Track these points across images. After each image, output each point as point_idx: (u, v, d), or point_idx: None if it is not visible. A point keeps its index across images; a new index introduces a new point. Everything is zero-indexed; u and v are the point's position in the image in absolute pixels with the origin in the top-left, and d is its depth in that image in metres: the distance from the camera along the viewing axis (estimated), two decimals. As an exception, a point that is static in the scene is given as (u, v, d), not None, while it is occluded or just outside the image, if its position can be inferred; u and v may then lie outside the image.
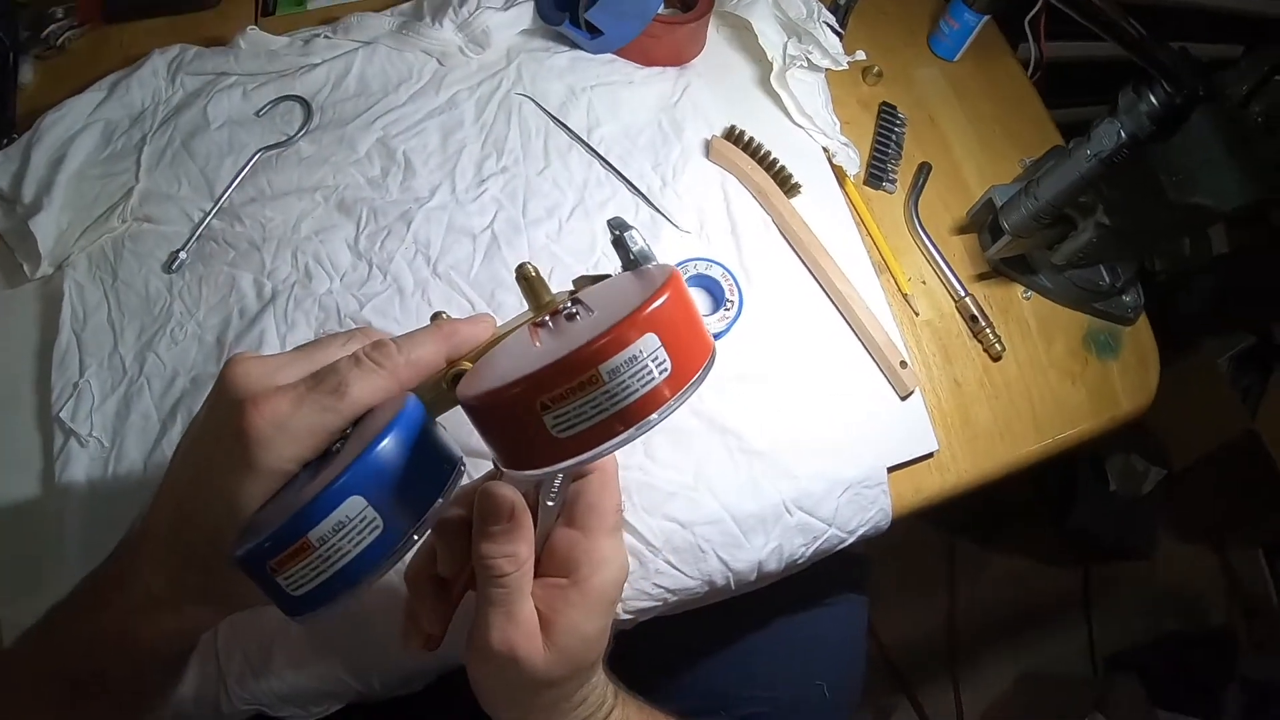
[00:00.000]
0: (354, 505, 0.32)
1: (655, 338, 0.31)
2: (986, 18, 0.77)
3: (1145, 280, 0.73)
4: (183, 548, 0.39)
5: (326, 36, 0.75)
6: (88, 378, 0.62)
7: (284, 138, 0.71)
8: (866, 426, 0.63)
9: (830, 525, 0.60)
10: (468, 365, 0.38)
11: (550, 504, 0.41)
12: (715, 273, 0.62)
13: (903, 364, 0.63)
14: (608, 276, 0.40)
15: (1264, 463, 1.28)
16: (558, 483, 0.41)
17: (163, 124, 0.72)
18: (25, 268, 0.66)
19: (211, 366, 0.61)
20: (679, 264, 0.62)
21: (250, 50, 0.75)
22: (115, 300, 0.65)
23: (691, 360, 0.32)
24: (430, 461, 0.35)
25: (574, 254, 0.65)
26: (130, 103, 0.73)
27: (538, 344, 0.35)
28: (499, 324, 0.40)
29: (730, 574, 0.58)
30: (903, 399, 0.64)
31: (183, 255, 0.66)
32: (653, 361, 0.31)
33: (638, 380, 0.31)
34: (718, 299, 0.63)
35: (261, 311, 0.63)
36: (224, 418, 0.36)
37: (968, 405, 0.66)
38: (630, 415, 0.31)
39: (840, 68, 0.71)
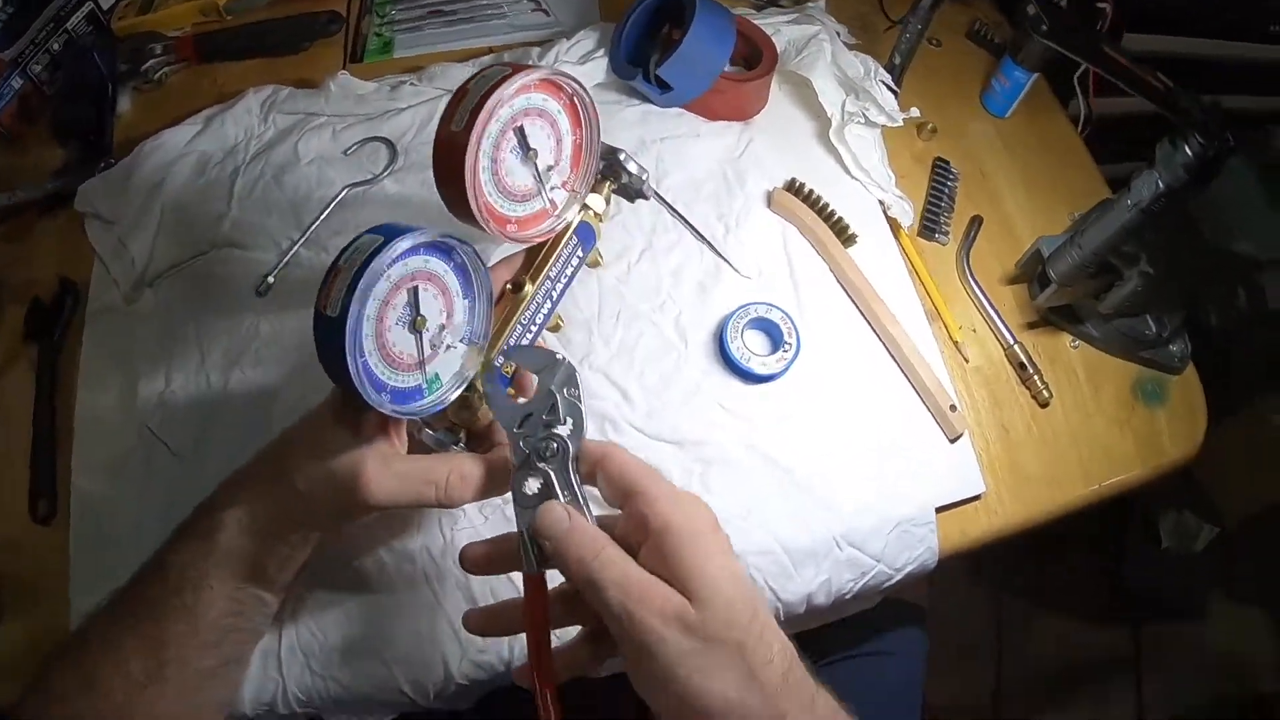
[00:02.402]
0: (366, 238, 0.44)
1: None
2: (1037, 75, 0.79)
3: (1201, 335, 0.73)
4: (274, 475, 0.48)
5: (412, 84, 0.80)
6: (174, 389, 0.65)
7: (370, 176, 0.74)
8: (916, 468, 0.65)
9: (879, 561, 0.62)
10: None
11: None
12: (775, 316, 0.65)
13: (952, 408, 0.65)
14: None
15: (1320, 521, 1.25)
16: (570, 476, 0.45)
17: (255, 157, 0.76)
18: (119, 283, 0.70)
19: (296, 386, 0.64)
20: (740, 307, 0.66)
21: (340, 93, 0.79)
22: (204, 319, 0.68)
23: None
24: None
25: (641, 295, 0.68)
26: (224, 136, 0.77)
27: None
28: None
29: (780, 604, 0.60)
30: (951, 442, 0.66)
31: (270, 280, 0.68)
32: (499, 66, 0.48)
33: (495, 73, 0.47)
34: (776, 341, 0.66)
35: (345, 338, 0.67)
36: None
37: (1015, 450, 0.68)
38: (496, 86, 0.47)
39: (895, 124, 0.75)
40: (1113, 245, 0.64)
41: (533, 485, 0.44)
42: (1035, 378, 0.69)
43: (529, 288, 0.54)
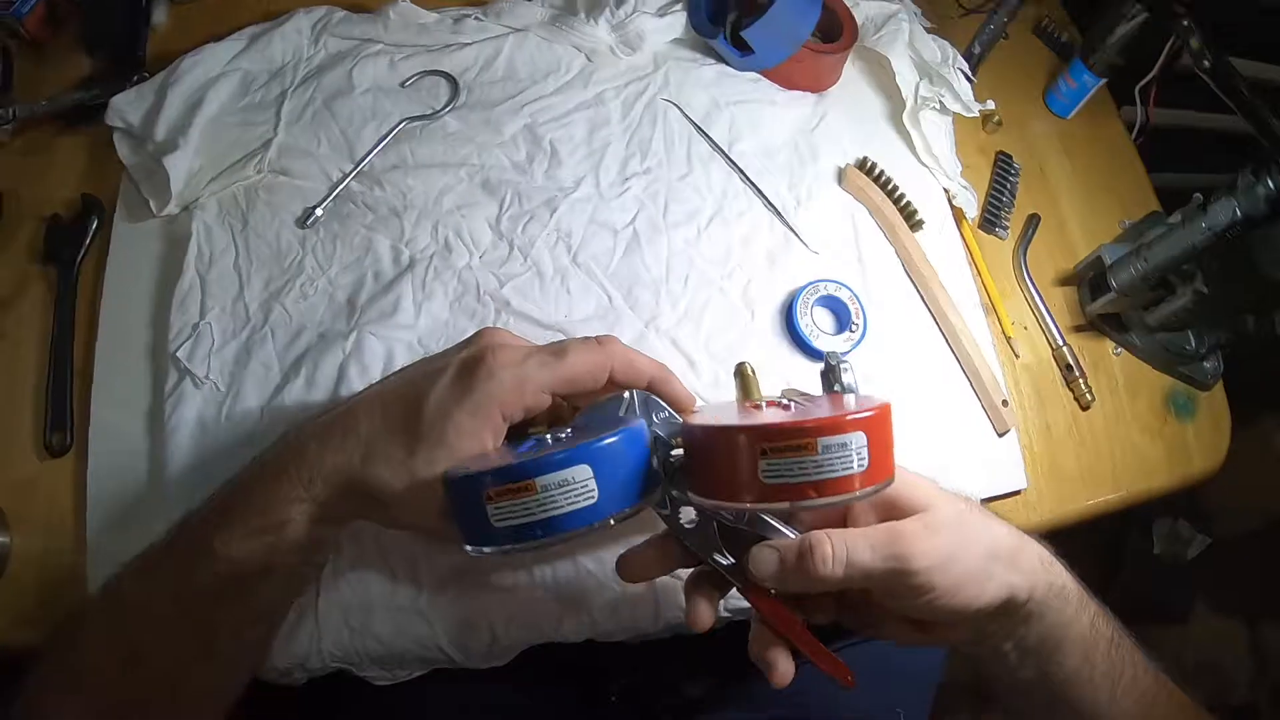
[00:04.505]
0: (582, 472, 0.37)
1: (864, 436, 0.37)
2: (1103, 80, 0.80)
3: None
4: (377, 439, 0.45)
5: (478, 18, 0.75)
6: (209, 320, 0.62)
7: (429, 111, 0.71)
8: (964, 459, 0.65)
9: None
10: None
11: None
12: (844, 295, 0.65)
13: (1004, 403, 0.66)
14: (811, 395, 0.46)
15: (1311, 545, 1.28)
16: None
17: (304, 81, 0.72)
18: (151, 204, 0.66)
19: (340, 324, 0.62)
20: (811, 282, 0.65)
21: (400, 21, 0.75)
22: (244, 247, 0.65)
23: (881, 469, 0.38)
24: (644, 469, 0.40)
25: (710, 261, 0.66)
26: (271, 56, 0.73)
27: (757, 411, 0.42)
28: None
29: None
30: (1000, 436, 0.66)
31: (319, 212, 0.66)
32: (856, 454, 0.37)
33: (841, 463, 0.37)
34: (843, 321, 0.65)
35: (398, 278, 0.63)
36: (465, 355, 0.44)
37: (1056, 450, 0.69)
38: (824, 487, 0.37)
39: (971, 114, 0.74)
40: (1177, 263, 0.65)
41: (688, 513, 0.43)
42: (1080, 380, 0.70)
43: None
